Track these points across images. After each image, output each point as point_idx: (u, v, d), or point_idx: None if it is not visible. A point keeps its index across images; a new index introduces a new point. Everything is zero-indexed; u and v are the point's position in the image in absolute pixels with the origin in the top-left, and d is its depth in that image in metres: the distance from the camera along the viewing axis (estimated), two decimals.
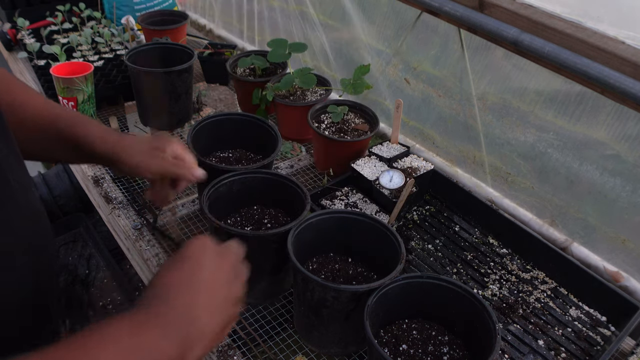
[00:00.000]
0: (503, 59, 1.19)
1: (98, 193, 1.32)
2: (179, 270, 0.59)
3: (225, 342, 0.98)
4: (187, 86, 1.50)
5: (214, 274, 0.60)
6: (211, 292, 0.58)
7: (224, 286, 0.61)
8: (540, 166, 1.22)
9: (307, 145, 1.51)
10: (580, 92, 1.07)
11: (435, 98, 1.40)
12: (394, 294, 0.87)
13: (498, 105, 1.24)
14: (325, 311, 0.88)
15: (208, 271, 0.60)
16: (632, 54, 0.93)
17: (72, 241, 2.09)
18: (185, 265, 0.59)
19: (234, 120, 1.26)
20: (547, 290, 1.12)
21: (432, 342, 0.90)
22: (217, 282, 0.60)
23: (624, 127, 1.03)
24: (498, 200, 1.33)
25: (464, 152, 1.39)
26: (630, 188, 1.07)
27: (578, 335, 1.03)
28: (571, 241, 1.21)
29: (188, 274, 0.58)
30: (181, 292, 0.56)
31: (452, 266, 1.16)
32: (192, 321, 0.55)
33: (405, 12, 1.37)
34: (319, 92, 1.50)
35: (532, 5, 1.08)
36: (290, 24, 1.80)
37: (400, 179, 1.22)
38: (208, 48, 1.80)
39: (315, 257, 1.02)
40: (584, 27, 1.00)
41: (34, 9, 1.97)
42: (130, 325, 0.51)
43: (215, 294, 0.59)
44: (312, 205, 1.13)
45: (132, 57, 1.48)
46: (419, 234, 1.23)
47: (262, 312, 1.05)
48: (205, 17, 2.30)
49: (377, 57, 1.52)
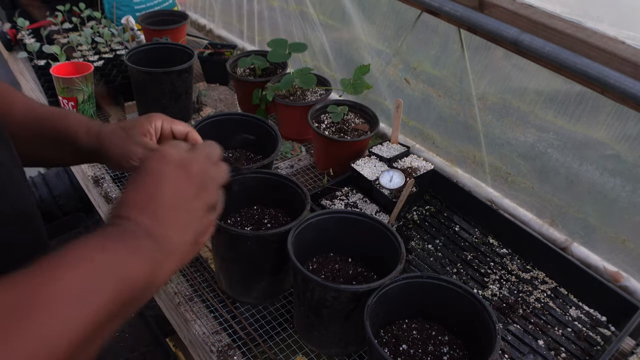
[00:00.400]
0: (503, 59, 1.19)
1: (98, 193, 1.32)
2: (141, 187, 0.57)
3: (225, 342, 0.98)
4: (187, 86, 1.50)
5: (177, 188, 0.57)
6: (177, 206, 0.56)
7: (190, 199, 0.58)
8: (540, 166, 1.22)
9: (307, 145, 1.51)
10: (580, 92, 1.07)
11: (435, 98, 1.40)
12: (394, 294, 0.87)
13: (498, 105, 1.24)
14: (325, 311, 0.88)
15: (171, 185, 0.57)
16: (632, 54, 0.93)
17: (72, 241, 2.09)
18: (147, 180, 0.57)
19: (234, 120, 1.26)
20: (547, 290, 1.12)
21: (432, 342, 0.90)
22: (183, 194, 0.57)
23: (624, 127, 1.03)
24: (498, 200, 1.33)
25: (464, 152, 1.39)
26: (630, 188, 1.07)
27: (578, 335, 1.03)
28: (571, 241, 1.21)
29: (151, 191, 0.56)
30: (146, 210, 0.55)
31: (452, 266, 1.16)
32: (159, 239, 0.53)
33: (405, 12, 1.37)
34: (319, 92, 1.50)
35: (532, 5, 1.08)
36: (290, 24, 1.80)
37: (400, 179, 1.22)
38: (208, 48, 1.80)
39: (315, 257, 1.02)
40: (584, 27, 1.00)
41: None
42: (101, 243, 0.50)
43: (181, 208, 0.57)
44: (312, 205, 1.13)
45: (132, 57, 1.48)
46: (419, 234, 1.23)
47: (262, 312, 1.05)
48: (205, 17, 2.30)
49: (377, 57, 1.52)
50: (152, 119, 0.85)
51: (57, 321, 0.42)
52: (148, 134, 0.84)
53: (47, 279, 0.44)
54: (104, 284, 0.47)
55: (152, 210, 0.55)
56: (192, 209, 0.58)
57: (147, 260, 0.52)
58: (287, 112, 1.46)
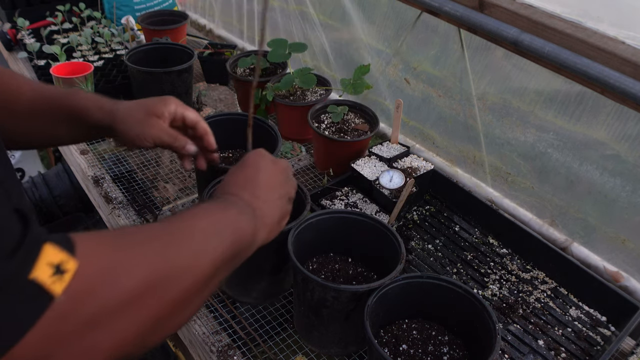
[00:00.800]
0: (503, 59, 1.19)
1: (98, 193, 1.32)
2: (242, 173, 0.72)
3: (225, 342, 0.98)
4: (187, 86, 1.50)
5: (270, 176, 0.73)
6: (269, 189, 0.71)
7: (278, 185, 0.73)
8: (540, 166, 1.22)
9: (307, 145, 1.51)
10: (580, 92, 1.07)
11: (435, 98, 1.40)
12: (394, 294, 0.87)
13: (498, 105, 1.24)
14: (325, 311, 0.88)
15: (265, 173, 0.72)
16: (632, 54, 0.93)
17: None
18: (246, 169, 0.73)
19: (234, 120, 1.26)
20: (547, 290, 1.12)
21: (432, 342, 0.90)
22: (273, 182, 0.73)
23: (624, 127, 1.03)
24: (498, 200, 1.33)
25: (464, 152, 1.39)
26: (630, 188, 1.07)
27: (578, 335, 1.03)
28: (571, 241, 1.21)
29: (250, 175, 0.71)
30: (246, 188, 0.69)
31: (452, 266, 1.16)
32: (256, 210, 0.67)
33: (405, 12, 1.37)
34: (319, 92, 1.50)
35: (532, 5, 1.08)
36: (290, 24, 1.80)
37: (400, 179, 1.22)
38: (208, 48, 1.80)
39: (315, 257, 1.02)
40: (584, 27, 1.00)
41: (34, 9, 1.97)
42: (215, 206, 0.64)
43: (272, 191, 0.72)
44: (312, 205, 1.13)
45: (132, 57, 1.48)
46: (419, 234, 1.23)
47: (262, 312, 1.05)
48: (205, 17, 2.30)
49: (377, 57, 1.51)
50: (167, 102, 0.88)
51: (201, 247, 0.55)
52: (162, 117, 0.87)
53: (189, 220, 0.57)
54: (226, 231, 0.60)
55: (251, 188, 0.69)
56: (279, 194, 0.73)
57: (250, 223, 0.65)
58: (287, 112, 1.46)
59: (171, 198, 1.32)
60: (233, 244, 0.60)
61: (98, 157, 1.44)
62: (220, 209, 0.64)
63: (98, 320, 0.42)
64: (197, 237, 0.55)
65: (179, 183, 1.37)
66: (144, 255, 0.48)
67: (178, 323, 0.53)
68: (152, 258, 0.49)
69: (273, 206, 0.71)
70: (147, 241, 0.50)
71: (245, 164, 0.74)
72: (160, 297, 0.48)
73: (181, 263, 0.51)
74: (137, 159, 1.44)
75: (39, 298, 0.37)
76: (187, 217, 0.58)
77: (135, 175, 1.38)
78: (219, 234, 0.58)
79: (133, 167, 1.41)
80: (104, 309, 0.42)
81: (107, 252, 0.45)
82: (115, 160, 1.43)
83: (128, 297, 0.44)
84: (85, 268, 0.41)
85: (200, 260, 0.54)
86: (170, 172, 1.41)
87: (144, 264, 0.47)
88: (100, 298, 0.42)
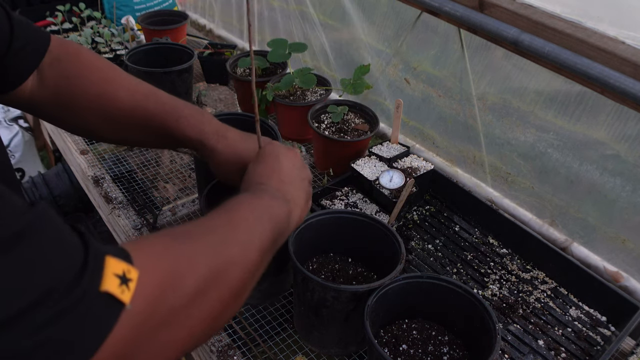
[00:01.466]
0: (503, 59, 1.19)
1: (98, 193, 1.32)
2: (264, 164, 0.75)
3: (226, 342, 0.98)
4: (187, 86, 1.50)
5: (291, 162, 0.77)
6: (291, 174, 0.75)
7: (298, 170, 0.78)
8: (540, 166, 1.22)
9: (307, 145, 1.51)
10: (580, 92, 1.07)
11: (435, 98, 1.40)
12: (394, 294, 0.87)
13: (498, 105, 1.24)
14: (325, 311, 0.88)
15: (286, 160, 0.76)
16: (632, 54, 0.93)
17: None
18: (267, 159, 0.76)
19: (233, 120, 1.26)
20: (547, 290, 1.12)
21: (432, 342, 0.90)
22: (293, 168, 0.77)
23: (624, 127, 1.03)
24: (498, 200, 1.33)
25: (464, 152, 1.39)
26: (630, 188, 1.07)
27: (578, 335, 1.03)
28: (571, 241, 1.21)
29: (272, 165, 0.75)
30: (272, 178, 0.73)
31: (452, 266, 1.16)
32: (285, 194, 0.71)
33: (405, 12, 1.37)
34: (319, 92, 1.50)
35: (532, 5, 1.08)
36: (290, 24, 1.80)
37: (400, 179, 1.22)
38: (208, 48, 1.80)
39: (316, 257, 1.02)
40: (584, 27, 1.00)
41: (34, 9, 1.97)
42: (250, 195, 0.67)
43: (294, 176, 0.76)
44: (312, 206, 1.13)
45: (132, 57, 1.48)
46: (419, 234, 1.23)
47: (262, 312, 1.05)
48: (205, 17, 2.30)
49: (377, 57, 1.51)
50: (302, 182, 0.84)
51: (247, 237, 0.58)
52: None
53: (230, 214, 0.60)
54: (265, 218, 0.63)
55: (277, 176, 0.73)
56: (301, 177, 0.78)
57: (284, 207, 0.68)
58: (287, 112, 1.46)
59: (171, 198, 1.32)
60: (273, 229, 0.63)
61: (98, 157, 1.44)
62: (255, 197, 0.67)
63: (168, 320, 0.45)
64: (241, 228, 0.59)
65: (179, 183, 1.37)
66: (198, 254, 0.51)
67: (234, 311, 0.58)
68: (206, 256, 0.52)
69: (299, 187, 0.76)
70: (196, 240, 0.53)
71: (265, 155, 0.77)
72: (220, 290, 0.52)
73: (233, 256, 0.55)
74: (137, 159, 1.44)
75: (112, 308, 0.40)
76: (226, 211, 0.61)
77: (135, 175, 1.38)
78: (260, 221, 0.62)
79: (133, 167, 1.41)
80: (172, 310, 0.46)
81: (163, 257, 0.48)
82: (115, 160, 1.43)
83: (192, 295, 0.48)
84: (148, 275, 0.44)
85: (249, 250, 0.58)
86: (170, 172, 1.41)
87: (200, 263, 0.50)
88: (168, 300, 0.45)
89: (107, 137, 0.88)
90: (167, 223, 1.23)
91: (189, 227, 0.58)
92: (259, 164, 0.76)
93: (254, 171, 0.75)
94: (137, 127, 0.83)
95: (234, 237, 0.57)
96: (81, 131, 0.93)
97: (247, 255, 0.57)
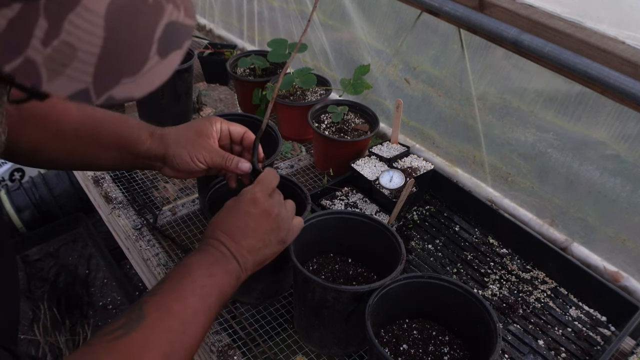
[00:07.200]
0: (503, 59, 1.19)
1: (98, 193, 1.32)
2: (233, 219, 0.76)
3: (226, 342, 0.98)
4: (187, 86, 1.50)
5: (259, 225, 0.76)
6: (256, 237, 0.75)
7: (268, 232, 0.77)
8: (540, 166, 1.22)
9: (307, 145, 1.51)
10: (580, 92, 1.07)
11: (435, 98, 1.40)
12: (395, 294, 0.87)
13: (498, 105, 1.24)
14: (325, 312, 0.88)
15: (255, 222, 0.76)
16: (632, 54, 0.93)
17: (72, 241, 2.09)
18: (237, 215, 0.76)
19: (234, 121, 1.26)
20: (547, 290, 1.12)
21: (432, 342, 0.90)
22: (261, 229, 0.76)
23: (624, 127, 1.03)
24: (498, 200, 1.33)
25: (464, 152, 1.39)
26: (630, 188, 1.07)
27: (578, 335, 1.03)
28: (571, 241, 1.21)
29: (240, 224, 0.75)
30: (233, 239, 0.74)
31: (452, 266, 1.16)
32: (240, 260, 0.73)
33: (405, 12, 1.37)
34: (319, 92, 1.50)
35: (532, 5, 1.08)
36: (290, 24, 1.80)
37: (400, 179, 1.22)
38: (208, 48, 1.80)
39: (316, 258, 1.02)
40: (584, 27, 1.00)
41: None
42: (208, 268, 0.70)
43: (259, 239, 0.76)
44: (313, 206, 1.13)
45: None
46: (419, 234, 1.23)
47: (262, 312, 1.05)
48: (205, 17, 2.30)
49: (377, 57, 1.51)
50: (212, 120, 0.92)
51: (197, 326, 0.66)
52: (211, 136, 0.90)
53: (180, 303, 0.65)
54: (214, 300, 0.68)
55: (238, 239, 0.74)
56: (267, 241, 0.77)
57: (235, 277, 0.73)
58: (287, 112, 1.46)
59: (171, 198, 1.32)
60: (220, 304, 0.70)
61: None
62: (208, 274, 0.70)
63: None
64: (195, 316, 0.66)
65: (179, 183, 1.37)
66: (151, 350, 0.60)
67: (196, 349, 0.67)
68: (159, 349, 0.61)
69: (257, 252, 0.76)
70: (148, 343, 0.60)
71: (237, 209, 0.77)
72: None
73: (183, 343, 0.64)
74: None
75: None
76: (177, 298, 0.66)
77: (135, 175, 1.38)
78: (209, 307, 0.68)
79: None
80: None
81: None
82: None
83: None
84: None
85: (195, 332, 0.66)
86: None
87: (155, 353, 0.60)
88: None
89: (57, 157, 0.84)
90: (167, 223, 1.23)
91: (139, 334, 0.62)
92: (227, 217, 0.77)
93: (218, 223, 0.76)
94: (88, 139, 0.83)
95: (181, 330, 0.64)
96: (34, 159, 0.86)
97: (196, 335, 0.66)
